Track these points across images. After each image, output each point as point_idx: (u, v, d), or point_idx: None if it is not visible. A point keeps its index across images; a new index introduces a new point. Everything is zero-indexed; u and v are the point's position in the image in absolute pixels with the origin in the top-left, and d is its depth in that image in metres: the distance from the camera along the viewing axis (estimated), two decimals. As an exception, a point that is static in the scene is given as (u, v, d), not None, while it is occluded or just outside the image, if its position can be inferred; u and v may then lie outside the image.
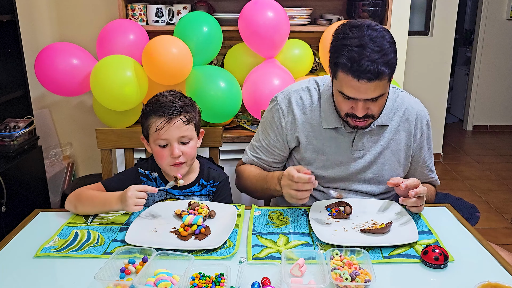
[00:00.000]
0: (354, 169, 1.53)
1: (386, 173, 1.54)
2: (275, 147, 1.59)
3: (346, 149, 1.51)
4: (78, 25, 2.74)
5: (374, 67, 1.23)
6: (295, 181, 1.30)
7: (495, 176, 4.13)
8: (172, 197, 1.56)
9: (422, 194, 1.35)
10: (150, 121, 1.47)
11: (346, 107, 1.38)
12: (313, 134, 1.53)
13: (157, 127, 1.44)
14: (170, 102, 1.46)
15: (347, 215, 1.40)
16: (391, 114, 1.52)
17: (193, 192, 1.57)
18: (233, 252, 1.21)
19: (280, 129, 1.56)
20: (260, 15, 2.24)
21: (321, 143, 1.52)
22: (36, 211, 1.48)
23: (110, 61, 2.14)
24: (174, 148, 1.45)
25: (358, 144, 1.51)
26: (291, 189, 1.33)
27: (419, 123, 1.56)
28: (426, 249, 1.16)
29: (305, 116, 1.53)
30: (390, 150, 1.53)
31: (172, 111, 1.44)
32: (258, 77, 2.24)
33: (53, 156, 2.80)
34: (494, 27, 5.20)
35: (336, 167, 1.53)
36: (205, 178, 1.58)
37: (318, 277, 1.08)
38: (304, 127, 1.53)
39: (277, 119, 1.56)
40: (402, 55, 2.85)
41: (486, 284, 1.01)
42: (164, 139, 1.45)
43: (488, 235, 3.07)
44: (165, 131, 1.44)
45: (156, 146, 1.47)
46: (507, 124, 5.55)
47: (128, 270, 1.10)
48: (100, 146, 1.77)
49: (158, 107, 1.46)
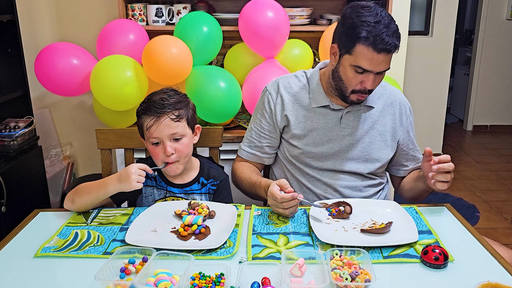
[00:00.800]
0: (343, 145, 1.61)
1: (374, 152, 1.62)
2: (267, 130, 1.67)
3: (334, 125, 1.61)
4: (78, 25, 2.74)
5: (393, 41, 1.39)
6: (278, 202, 1.36)
7: (495, 176, 4.13)
8: (172, 195, 1.56)
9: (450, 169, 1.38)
10: (141, 120, 1.48)
11: (356, 81, 1.47)
12: (303, 113, 1.62)
13: (147, 125, 1.45)
14: (160, 100, 1.46)
15: (347, 215, 1.40)
16: (376, 98, 1.63)
17: (193, 191, 1.57)
18: (233, 252, 1.21)
19: (269, 112, 1.66)
20: (260, 15, 2.24)
21: (310, 121, 1.62)
22: (36, 211, 1.48)
23: (110, 61, 2.14)
24: (166, 146, 1.45)
25: (346, 121, 1.60)
26: (277, 208, 1.39)
27: (403, 108, 1.67)
28: (426, 249, 1.16)
29: (294, 97, 1.64)
30: (376, 130, 1.62)
31: (159, 109, 1.44)
32: (258, 77, 2.24)
33: (53, 156, 2.80)
34: (494, 27, 5.20)
35: (325, 144, 1.61)
36: (205, 176, 1.58)
37: (318, 277, 1.08)
38: (293, 107, 1.63)
39: (267, 103, 1.67)
40: (402, 55, 2.85)
41: (486, 284, 1.01)
42: (155, 137, 1.46)
43: (488, 235, 3.06)
44: (154, 129, 1.44)
45: (149, 144, 1.48)
46: (507, 124, 5.55)
47: (128, 270, 1.10)
48: (100, 146, 1.77)
49: (147, 106, 1.47)
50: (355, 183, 1.62)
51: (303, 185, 1.64)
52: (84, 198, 1.42)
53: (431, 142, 4.46)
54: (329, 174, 1.62)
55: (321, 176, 1.62)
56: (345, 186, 1.61)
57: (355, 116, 1.61)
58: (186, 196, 1.57)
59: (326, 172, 1.62)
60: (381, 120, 1.63)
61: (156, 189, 1.57)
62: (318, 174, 1.62)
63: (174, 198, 1.57)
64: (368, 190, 1.64)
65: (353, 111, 1.60)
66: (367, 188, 1.64)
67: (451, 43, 4.32)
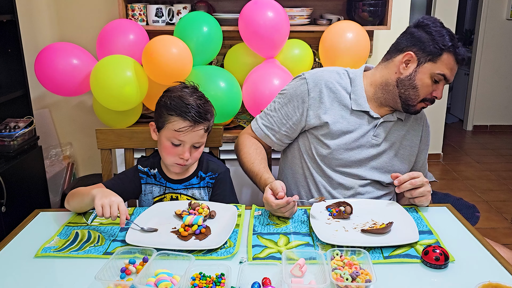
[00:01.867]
0: (370, 154, 1.59)
1: (396, 164, 1.62)
2: (291, 120, 1.61)
3: (368, 133, 1.59)
4: (78, 25, 2.74)
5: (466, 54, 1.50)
6: (274, 208, 1.36)
7: (495, 176, 4.13)
8: (172, 191, 1.56)
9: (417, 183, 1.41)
10: (171, 118, 1.43)
11: (430, 90, 1.52)
12: (341, 113, 1.58)
13: (179, 129, 1.42)
14: (197, 107, 1.43)
15: (347, 215, 1.39)
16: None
17: (192, 185, 1.56)
18: (233, 252, 1.21)
19: (301, 103, 1.59)
20: (260, 15, 2.24)
21: (347, 122, 1.58)
22: (36, 211, 1.48)
23: (110, 61, 2.14)
24: (186, 151, 1.45)
25: (379, 131, 1.59)
26: (275, 212, 1.40)
27: (425, 125, 1.70)
28: (426, 249, 1.16)
29: (334, 94, 1.58)
30: (402, 144, 1.62)
31: (198, 117, 1.42)
32: (258, 77, 2.24)
33: (53, 156, 2.79)
34: (494, 27, 5.20)
35: (355, 149, 1.58)
36: (203, 170, 1.57)
37: (318, 277, 1.08)
38: (332, 105, 1.58)
39: (301, 92, 1.59)
40: (402, 55, 2.85)
41: (486, 284, 1.01)
42: (180, 140, 1.44)
43: (488, 235, 3.06)
44: (185, 135, 1.43)
45: (168, 142, 1.45)
46: (507, 124, 5.55)
47: (129, 270, 1.10)
48: (100, 146, 1.77)
49: (184, 108, 1.42)
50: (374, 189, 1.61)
51: (320, 185, 1.60)
52: (74, 202, 1.42)
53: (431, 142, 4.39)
54: (350, 179, 1.59)
55: (342, 180, 1.58)
56: (364, 192, 1.59)
57: (387, 127, 1.60)
58: (185, 191, 1.56)
59: (347, 178, 1.59)
60: (409, 135, 1.64)
61: (155, 186, 1.57)
62: (340, 177, 1.59)
63: (173, 194, 1.56)
64: (384, 198, 1.64)
65: (387, 122, 1.59)
66: (383, 196, 1.63)
67: (451, 43, 4.32)
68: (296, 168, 1.67)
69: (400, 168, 1.62)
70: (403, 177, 1.41)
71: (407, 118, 1.64)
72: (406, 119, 1.63)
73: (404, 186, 1.41)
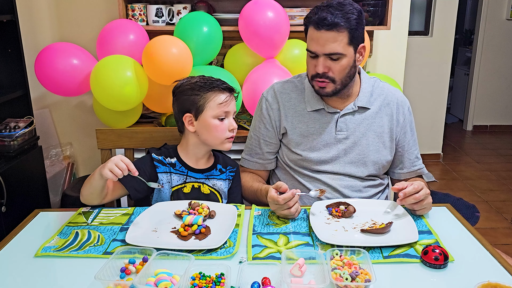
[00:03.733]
0: (340, 149, 1.59)
1: (371, 154, 1.60)
2: (267, 136, 1.67)
3: (330, 130, 1.59)
4: (78, 25, 2.74)
5: (332, 18, 1.41)
6: (281, 204, 1.35)
7: (495, 176, 4.13)
8: (193, 181, 1.55)
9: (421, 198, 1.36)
10: (210, 95, 1.48)
11: (311, 66, 1.52)
12: (298, 118, 1.62)
13: (223, 100, 1.49)
14: (220, 80, 1.53)
15: (350, 214, 1.39)
16: (372, 98, 1.61)
17: (214, 176, 1.59)
18: (233, 252, 1.21)
19: (268, 118, 1.66)
20: (260, 15, 2.24)
21: (305, 126, 1.60)
22: (36, 211, 1.48)
23: (110, 61, 2.14)
24: (232, 121, 1.52)
25: (341, 125, 1.58)
26: (282, 210, 1.38)
27: (401, 108, 1.64)
28: (426, 249, 1.16)
29: (289, 102, 1.64)
30: (373, 132, 1.60)
31: (229, 87, 1.52)
32: (258, 77, 2.24)
33: (53, 156, 2.80)
34: (494, 27, 5.20)
35: (322, 148, 1.59)
36: (222, 164, 1.61)
37: (318, 277, 1.09)
38: (289, 113, 1.63)
39: (265, 109, 1.67)
40: (402, 55, 2.86)
41: (486, 284, 1.01)
42: (226, 112, 1.50)
43: (488, 235, 3.07)
44: (228, 105, 1.50)
45: (215, 120, 1.49)
46: (507, 124, 5.55)
47: (129, 270, 1.10)
48: (100, 146, 1.77)
49: (216, 82, 1.51)
50: (354, 183, 1.61)
51: (303, 186, 1.63)
52: (86, 189, 1.41)
53: (431, 142, 4.47)
54: (328, 175, 1.61)
55: (320, 177, 1.61)
56: (345, 186, 1.61)
57: (351, 118, 1.59)
58: (207, 181, 1.57)
59: (325, 174, 1.61)
60: (377, 121, 1.60)
61: (174, 174, 1.54)
62: (318, 175, 1.61)
63: (195, 183, 1.55)
64: (368, 190, 1.63)
65: (348, 113, 1.58)
66: (366, 188, 1.63)
67: (451, 43, 4.32)
68: (280, 174, 1.71)
69: (377, 157, 1.60)
70: (408, 190, 1.35)
71: (370, 104, 1.59)
72: (369, 105, 1.59)
73: (407, 200, 1.36)
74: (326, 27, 1.41)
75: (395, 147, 1.65)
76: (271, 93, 1.67)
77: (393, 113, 1.62)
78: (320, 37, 1.44)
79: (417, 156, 1.69)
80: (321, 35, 1.43)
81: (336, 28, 1.41)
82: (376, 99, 1.62)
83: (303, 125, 1.61)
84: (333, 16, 1.41)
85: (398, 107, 1.63)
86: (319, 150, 1.60)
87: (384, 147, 1.62)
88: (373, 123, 1.60)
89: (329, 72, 1.48)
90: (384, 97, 1.63)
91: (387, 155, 1.63)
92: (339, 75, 1.49)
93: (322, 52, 1.46)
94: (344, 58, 1.46)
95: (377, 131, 1.60)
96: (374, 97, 1.62)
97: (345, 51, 1.45)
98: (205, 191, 1.56)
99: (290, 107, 1.63)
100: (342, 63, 1.47)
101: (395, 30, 2.76)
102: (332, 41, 1.43)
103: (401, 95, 1.67)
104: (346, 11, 1.42)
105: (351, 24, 1.43)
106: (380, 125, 1.61)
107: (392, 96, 1.64)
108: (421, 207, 1.39)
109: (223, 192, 1.59)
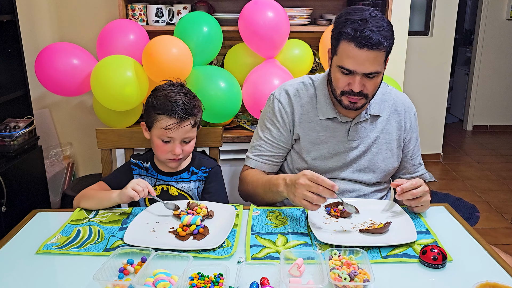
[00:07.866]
0: (350, 158, 1.57)
1: (380, 162, 1.59)
2: (280, 140, 1.61)
3: (342, 138, 1.56)
4: (78, 25, 2.74)
5: (375, 36, 1.33)
6: (318, 183, 1.27)
7: (495, 176, 4.13)
8: (162, 183, 1.61)
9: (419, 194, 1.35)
10: (159, 117, 1.49)
11: (343, 83, 1.43)
12: (309, 125, 1.57)
13: (166, 126, 1.47)
14: (182, 104, 1.48)
15: (348, 214, 1.39)
16: (382, 105, 1.59)
17: (182, 179, 1.62)
18: (231, 252, 1.21)
19: (282, 122, 1.59)
20: (260, 15, 2.24)
21: (316, 133, 1.56)
22: (34, 211, 1.49)
23: (110, 61, 2.14)
24: (176, 147, 1.50)
25: (353, 134, 1.56)
26: (308, 190, 1.29)
27: (408, 114, 1.63)
28: (424, 248, 1.17)
29: (302, 108, 1.58)
30: (382, 139, 1.58)
31: (183, 114, 1.47)
32: (258, 77, 2.24)
33: (53, 156, 2.80)
34: (494, 27, 5.20)
35: (332, 157, 1.57)
36: (195, 166, 1.63)
37: (316, 277, 1.09)
38: (301, 119, 1.58)
39: (278, 112, 1.59)
40: (402, 55, 2.85)
41: (484, 284, 1.01)
42: (169, 137, 1.50)
43: (488, 235, 3.07)
44: (173, 132, 1.48)
45: (158, 140, 1.51)
46: (507, 124, 5.55)
47: (127, 270, 1.10)
48: (100, 146, 1.78)
49: (170, 106, 1.47)
50: (361, 189, 1.59)
51: None
52: (90, 202, 1.48)
53: (431, 142, 4.46)
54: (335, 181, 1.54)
55: None
56: (352, 190, 1.59)
57: (362, 127, 1.56)
58: (176, 184, 1.61)
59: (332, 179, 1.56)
60: (387, 128, 1.59)
61: (147, 177, 1.62)
62: None
63: (163, 186, 1.61)
64: (374, 195, 1.62)
65: (360, 122, 1.55)
66: (373, 193, 1.62)
67: (451, 43, 4.32)
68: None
69: (385, 165, 1.59)
70: (405, 186, 1.34)
71: (381, 111, 1.57)
72: (380, 112, 1.57)
73: (405, 195, 1.35)
74: (368, 47, 1.33)
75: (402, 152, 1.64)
76: (284, 95, 1.59)
77: (401, 119, 1.61)
78: (360, 56, 1.35)
79: (420, 162, 1.68)
80: (362, 54, 1.34)
81: (379, 47, 1.34)
82: (385, 105, 1.59)
83: (313, 132, 1.56)
84: (375, 34, 1.32)
85: (406, 113, 1.62)
86: (329, 159, 1.56)
87: (392, 154, 1.60)
88: (383, 130, 1.58)
89: (363, 89, 1.42)
90: (392, 103, 1.61)
91: (394, 162, 1.61)
92: (373, 91, 1.44)
93: (361, 72, 1.38)
94: (380, 75, 1.42)
95: (386, 138, 1.59)
96: (383, 103, 1.59)
97: (382, 69, 1.41)
98: (173, 193, 1.61)
99: (303, 112, 1.57)
100: (378, 80, 1.42)
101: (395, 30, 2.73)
102: (373, 61, 1.36)
103: (408, 101, 1.65)
104: (384, 28, 1.35)
105: (390, 43, 1.38)
106: (389, 132, 1.59)
107: (400, 102, 1.62)
108: (419, 204, 1.38)
109: (193, 194, 1.62)
